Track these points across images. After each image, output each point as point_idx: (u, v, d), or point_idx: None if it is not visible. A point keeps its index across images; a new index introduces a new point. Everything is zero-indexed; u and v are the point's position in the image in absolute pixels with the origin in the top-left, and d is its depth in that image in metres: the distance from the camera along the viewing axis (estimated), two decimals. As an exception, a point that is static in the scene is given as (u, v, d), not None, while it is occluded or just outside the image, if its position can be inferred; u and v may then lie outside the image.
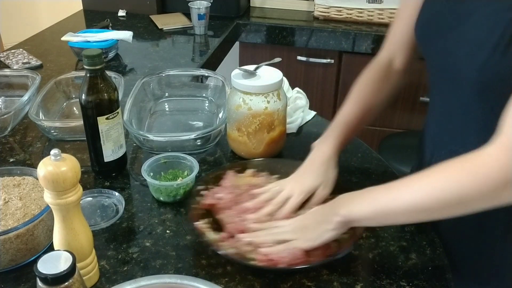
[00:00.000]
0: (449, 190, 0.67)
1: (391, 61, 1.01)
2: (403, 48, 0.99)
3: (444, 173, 0.69)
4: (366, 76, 1.01)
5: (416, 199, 0.70)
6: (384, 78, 0.99)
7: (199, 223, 0.83)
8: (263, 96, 1.02)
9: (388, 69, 1.00)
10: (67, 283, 0.59)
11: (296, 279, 0.78)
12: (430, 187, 0.69)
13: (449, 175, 0.68)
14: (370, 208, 0.74)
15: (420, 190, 0.70)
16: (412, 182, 0.72)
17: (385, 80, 0.99)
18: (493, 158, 0.65)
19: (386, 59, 1.01)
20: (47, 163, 0.66)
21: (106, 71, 0.95)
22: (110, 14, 2.11)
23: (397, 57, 1.00)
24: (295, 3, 2.20)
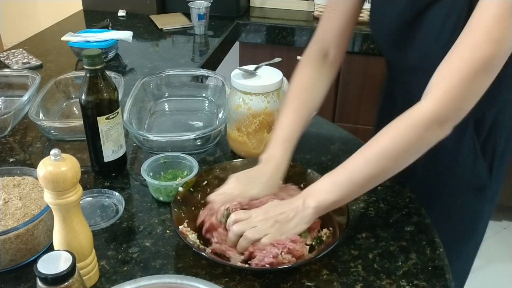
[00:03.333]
0: (399, 147, 0.78)
1: (324, 54, 1.02)
2: (338, 39, 1.01)
3: (390, 133, 0.79)
4: (299, 75, 1.00)
5: (373, 167, 0.79)
6: (318, 75, 1.00)
7: (181, 227, 0.83)
8: (263, 96, 1.02)
9: (322, 64, 1.01)
10: (67, 283, 0.59)
11: (296, 279, 0.78)
12: (382, 151, 0.78)
13: (395, 134, 0.78)
14: (335, 193, 0.80)
15: (375, 157, 0.78)
16: (364, 152, 0.80)
17: (319, 77, 1.00)
18: (423, 109, 0.77)
19: (318, 52, 1.02)
20: (47, 163, 0.66)
21: (106, 71, 0.95)
22: (110, 14, 2.11)
23: (331, 48, 1.01)
24: (295, 3, 2.20)
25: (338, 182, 0.80)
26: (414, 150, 0.79)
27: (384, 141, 0.79)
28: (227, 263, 0.78)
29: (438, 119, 0.77)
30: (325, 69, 1.01)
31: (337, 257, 0.82)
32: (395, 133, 0.78)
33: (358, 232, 0.88)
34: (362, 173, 0.79)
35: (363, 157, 0.80)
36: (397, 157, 0.79)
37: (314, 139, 1.18)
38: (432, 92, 0.78)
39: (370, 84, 2.04)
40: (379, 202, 0.96)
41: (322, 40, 1.02)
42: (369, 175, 0.80)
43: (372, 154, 0.79)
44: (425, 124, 0.77)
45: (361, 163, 0.80)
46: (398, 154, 0.78)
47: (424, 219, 0.92)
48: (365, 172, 0.79)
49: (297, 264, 0.78)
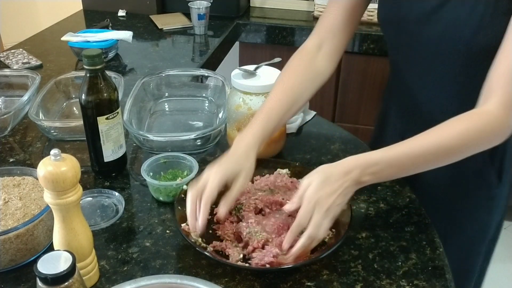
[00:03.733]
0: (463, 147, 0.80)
1: (319, 48, 1.00)
2: (333, 34, 0.99)
3: (454, 129, 0.80)
4: (291, 63, 0.99)
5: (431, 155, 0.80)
6: (309, 65, 0.98)
7: (184, 225, 0.83)
8: (263, 96, 1.02)
9: (314, 55, 0.99)
10: (67, 283, 0.59)
11: (296, 279, 0.78)
12: (443, 142, 0.79)
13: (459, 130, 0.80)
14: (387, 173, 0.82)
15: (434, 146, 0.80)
16: (425, 138, 0.80)
17: (310, 67, 0.98)
18: (493, 115, 0.79)
19: (314, 45, 1.00)
20: (47, 163, 0.66)
21: (106, 71, 0.95)
22: (110, 14, 2.11)
23: (326, 43, 1.00)
24: (295, 3, 2.20)
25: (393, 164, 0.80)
26: (477, 148, 0.82)
27: (448, 135, 0.80)
28: (228, 263, 0.78)
29: (506, 124, 0.80)
30: (316, 62, 0.99)
31: (337, 257, 0.82)
32: (462, 131, 0.80)
33: (358, 232, 0.88)
34: (417, 160, 0.81)
35: (424, 145, 0.80)
36: (458, 153, 0.81)
37: (314, 139, 1.18)
38: (496, 96, 0.79)
39: (370, 84, 2.04)
40: (379, 202, 0.96)
41: (318, 33, 1.01)
42: (423, 163, 0.82)
43: (433, 145, 0.80)
44: (494, 128, 0.79)
45: (419, 151, 0.80)
46: (460, 151, 0.81)
47: (424, 219, 0.92)
48: (421, 160, 0.81)
49: (297, 264, 0.78)
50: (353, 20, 1.00)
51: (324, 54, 1.00)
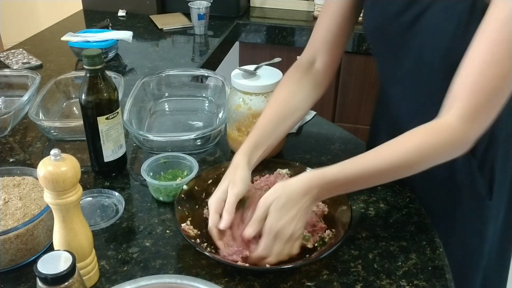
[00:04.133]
0: (421, 158, 0.78)
1: (312, 62, 1.02)
2: (326, 47, 1.01)
3: (414, 142, 0.79)
4: (284, 79, 1.01)
5: (387, 172, 0.80)
6: (302, 79, 0.99)
7: (184, 224, 0.83)
8: (263, 96, 1.02)
9: (308, 70, 1.01)
10: (67, 283, 0.59)
11: (296, 279, 0.78)
12: (400, 155, 0.78)
13: (420, 145, 0.78)
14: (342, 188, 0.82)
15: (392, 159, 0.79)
16: (382, 151, 0.80)
17: (304, 81, 0.99)
18: (452, 128, 0.77)
19: (307, 60, 1.02)
20: (47, 163, 0.66)
21: (106, 71, 0.95)
22: (110, 14, 2.11)
23: (319, 56, 1.01)
24: (295, 3, 2.20)
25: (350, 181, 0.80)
26: (434, 162, 0.80)
27: (408, 147, 0.79)
28: (228, 263, 0.78)
29: (465, 137, 0.78)
30: (310, 76, 1.00)
31: (337, 257, 0.82)
32: (421, 142, 0.78)
33: (358, 232, 0.88)
34: (376, 173, 0.80)
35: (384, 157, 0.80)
36: (416, 165, 0.80)
37: (314, 139, 1.18)
38: (456, 107, 0.77)
39: (370, 84, 2.04)
40: (379, 202, 0.96)
41: (311, 47, 1.03)
42: (381, 175, 0.81)
43: (393, 157, 0.79)
44: (452, 141, 0.78)
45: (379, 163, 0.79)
46: (418, 163, 0.79)
47: (424, 219, 0.92)
48: (380, 171, 0.80)
49: (297, 264, 0.78)
50: (344, 32, 1.01)
51: (318, 67, 1.01)
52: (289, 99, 0.96)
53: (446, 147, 0.78)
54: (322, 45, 1.01)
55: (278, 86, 1.00)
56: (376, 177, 0.81)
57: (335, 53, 1.02)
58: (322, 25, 1.01)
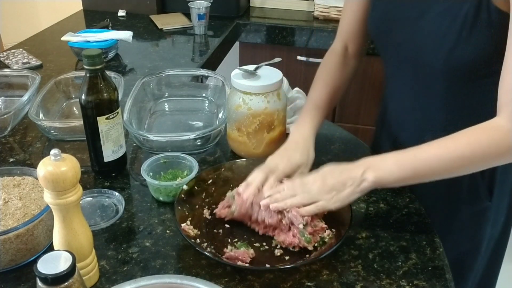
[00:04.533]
0: (475, 158, 0.79)
1: (346, 49, 1.12)
2: (354, 37, 1.11)
3: (470, 142, 0.79)
4: (327, 62, 1.11)
5: (442, 167, 0.80)
6: (342, 63, 1.10)
7: (184, 224, 0.83)
8: (263, 96, 1.02)
9: (344, 55, 1.11)
10: (67, 283, 0.59)
11: (296, 279, 0.78)
12: (458, 156, 0.79)
13: (475, 145, 0.79)
14: (396, 175, 0.81)
15: (447, 159, 0.80)
16: (439, 149, 0.80)
17: (344, 64, 1.10)
18: (504, 129, 0.78)
19: (341, 47, 1.12)
20: (47, 163, 0.66)
21: (106, 71, 0.95)
22: (110, 14, 2.11)
23: (350, 45, 1.12)
24: (295, 3, 2.20)
25: (403, 167, 0.81)
26: (486, 165, 0.82)
27: (462, 147, 0.79)
28: (228, 263, 0.78)
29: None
30: (347, 60, 1.11)
31: (337, 257, 0.82)
32: (476, 144, 0.79)
33: (358, 232, 0.88)
34: (429, 168, 0.81)
35: (437, 154, 0.80)
36: (468, 166, 0.81)
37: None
38: (506, 110, 0.79)
39: (370, 84, 2.04)
40: (379, 202, 0.96)
41: (341, 37, 1.12)
42: (435, 172, 0.82)
43: (447, 155, 0.80)
44: (504, 142, 0.78)
45: (432, 159, 0.80)
46: (471, 164, 0.81)
47: (424, 219, 0.92)
48: (433, 168, 0.81)
49: (297, 264, 0.78)
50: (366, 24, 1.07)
51: (351, 54, 1.12)
52: (333, 81, 1.07)
53: (499, 147, 0.78)
54: (350, 35, 1.11)
55: (322, 69, 1.09)
56: (431, 167, 0.81)
57: (362, 40, 1.12)
58: (346, 17, 1.11)
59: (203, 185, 0.94)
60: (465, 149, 0.79)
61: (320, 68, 1.09)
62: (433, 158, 0.80)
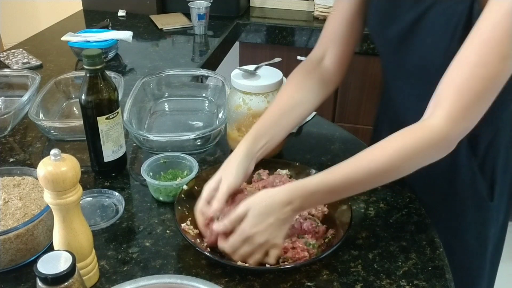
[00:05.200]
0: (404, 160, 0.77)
1: (321, 58, 1.02)
2: (336, 42, 1.01)
3: (397, 145, 0.78)
4: (290, 76, 1.01)
5: (371, 175, 0.78)
6: (308, 74, 0.99)
7: (184, 224, 0.83)
8: (263, 96, 1.02)
9: (317, 65, 1.01)
10: (67, 283, 0.59)
11: (296, 279, 0.78)
12: (387, 161, 0.77)
13: (402, 147, 0.77)
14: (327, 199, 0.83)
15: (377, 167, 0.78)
16: (367, 159, 0.79)
17: (310, 76, 0.99)
18: (437, 129, 0.76)
19: (317, 56, 1.03)
20: (47, 163, 0.66)
21: (106, 71, 0.95)
22: (110, 14, 2.11)
23: (329, 52, 1.02)
24: (295, 3, 2.20)
25: (334, 190, 0.79)
26: (417, 165, 0.79)
27: (389, 152, 0.78)
28: (228, 263, 0.78)
29: (448, 138, 0.77)
30: (318, 72, 1.00)
31: (337, 257, 0.82)
32: (402, 146, 0.77)
33: (358, 232, 0.88)
34: (359, 180, 0.79)
35: (366, 164, 0.78)
36: (398, 170, 0.79)
37: (314, 139, 1.18)
38: (442, 108, 0.76)
39: (370, 84, 2.04)
40: (379, 202, 0.96)
41: (321, 44, 1.04)
42: (365, 182, 0.80)
43: (375, 163, 0.78)
44: (435, 142, 0.76)
45: (361, 170, 0.78)
46: (401, 167, 0.79)
47: (424, 219, 0.92)
48: (363, 178, 0.79)
49: (297, 264, 0.78)
50: (355, 28, 1.02)
51: (327, 63, 1.02)
52: (293, 93, 0.97)
53: (430, 148, 0.77)
54: (331, 41, 1.02)
55: (285, 83, 1.00)
56: (360, 184, 0.80)
57: (345, 49, 1.02)
58: (332, 21, 1.02)
59: (203, 185, 0.94)
60: (393, 155, 0.77)
61: (286, 81, 1.01)
62: (363, 169, 0.78)
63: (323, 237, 0.83)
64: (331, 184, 0.78)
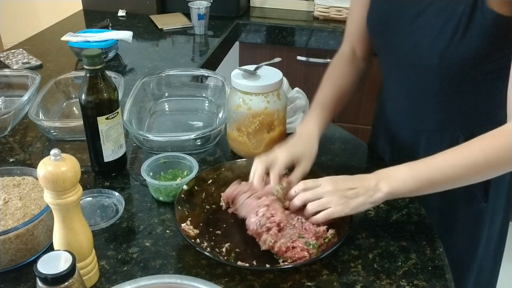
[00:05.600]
0: (489, 163, 0.78)
1: (354, 51, 1.12)
2: (361, 39, 1.10)
3: (483, 147, 0.79)
4: (335, 63, 1.11)
5: (457, 174, 0.79)
6: (350, 64, 1.10)
7: (184, 224, 0.84)
8: (263, 96, 1.02)
9: (352, 56, 1.12)
10: (67, 283, 0.59)
11: (296, 279, 0.78)
12: (473, 162, 0.78)
13: (489, 150, 0.78)
14: (410, 186, 0.80)
15: (462, 166, 0.79)
16: (453, 157, 0.80)
17: (351, 66, 1.10)
18: None
19: (349, 49, 1.12)
20: (47, 163, 0.66)
21: (106, 71, 0.95)
22: (110, 14, 2.11)
23: (357, 46, 1.12)
24: (295, 3, 2.20)
25: (417, 177, 0.80)
26: (502, 170, 0.80)
27: (475, 153, 0.78)
28: (228, 263, 0.78)
29: None
30: (355, 62, 1.11)
31: (337, 257, 0.82)
32: (489, 149, 0.78)
33: (358, 232, 0.88)
34: (443, 177, 0.80)
35: (451, 162, 0.79)
36: (483, 172, 0.80)
37: (314, 139, 1.18)
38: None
39: (370, 84, 2.04)
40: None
41: (348, 39, 1.12)
42: (449, 181, 0.81)
43: (460, 162, 0.79)
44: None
45: (446, 167, 0.79)
46: (486, 170, 0.80)
47: (424, 219, 0.92)
48: (447, 176, 0.80)
49: (297, 264, 0.78)
50: None
51: (360, 56, 1.12)
52: (341, 83, 1.07)
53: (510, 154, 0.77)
54: (358, 37, 1.10)
55: (330, 71, 1.09)
56: (443, 182, 0.81)
57: (368, 43, 1.10)
58: (353, 20, 1.10)
59: (203, 185, 0.94)
60: (479, 156, 0.78)
61: (328, 70, 1.10)
62: (447, 167, 0.79)
63: (323, 237, 0.83)
64: (417, 180, 0.80)
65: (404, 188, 0.81)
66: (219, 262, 0.79)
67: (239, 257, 0.81)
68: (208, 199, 0.93)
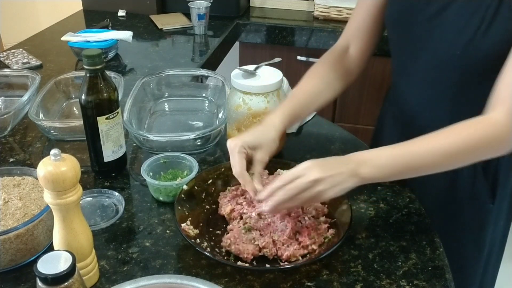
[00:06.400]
0: (467, 150, 0.79)
1: (347, 48, 1.06)
2: (359, 35, 1.05)
3: (461, 134, 0.79)
4: (322, 58, 1.05)
5: (434, 159, 0.79)
6: (337, 60, 1.04)
7: (184, 224, 0.84)
8: (263, 96, 1.02)
9: (343, 54, 1.06)
10: (67, 283, 0.59)
11: (296, 279, 0.78)
12: (450, 148, 0.79)
13: (466, 137, 0.79)
14: (388, 171, 0.80)
15: (439, 149, 0.79)
16: (430, 143, 0.80)
17: (339, 62, 1.04)
18: (499, 123, 0.78)
19: (342, 46, 1.07)
20: (47, 163, 0.66)
21: (106, 71, 0.95)
22: (110, 14, 2.11)
23: (353, 44, 1.06)
24: (295, 3, 2.20)
25: (395, 161, 0.80)
26: (478, 157, 0.81)
27: (453, 139, 0.79)
28: (227, 263, 0.78)
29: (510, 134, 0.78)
30: (345, 60, 1.05)
31: (337, 257, 0.82)
32: (467, 136, 0.79)
33: (358, 232, 0.88)
34: (422, 162, 0.80)
35: (430, 148, 0.80)
36: (461, 158, 0.81)
37: (314, 139, 1.18)
38: (504, 105, 0.78)
39: (370, 84, 2.04)
40: (379, 202, 0.96)
41: (345, 35, 1.08)
42: (428, 166, 0.81)
43: (438, 147, 0.79)
44: (498, 136, 0.78)
45: (424, 152, 0.80)
46: (464, 156, 0.80)
47: (424, 219, 0.92)
48: (426, 162, 0.80)
49: (297, 264, 0.78)
50: (378, 22, 1.04)
51: (351, 55, 1.06)
52: (324, 76, 1.01)
53: (493, 141, 0.79)
54: (356, 33, 1.05)
55: (314, 66, 1.03)
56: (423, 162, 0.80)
57: (368, 42, 1.06)
58: (357, 14, 1.06)
59: (203, 185, 0.94)
60: (458, 143, 0.78)
61: (314, 64, 1.05)
62: (426, 152, 0.80)
63: (323, 236, 0.83)
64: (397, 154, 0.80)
65: (381, 173, 0.80)
66: (219, 262, 0.79)
67: (239, 257, 0.81)
68: (208, 199, 0.93)
